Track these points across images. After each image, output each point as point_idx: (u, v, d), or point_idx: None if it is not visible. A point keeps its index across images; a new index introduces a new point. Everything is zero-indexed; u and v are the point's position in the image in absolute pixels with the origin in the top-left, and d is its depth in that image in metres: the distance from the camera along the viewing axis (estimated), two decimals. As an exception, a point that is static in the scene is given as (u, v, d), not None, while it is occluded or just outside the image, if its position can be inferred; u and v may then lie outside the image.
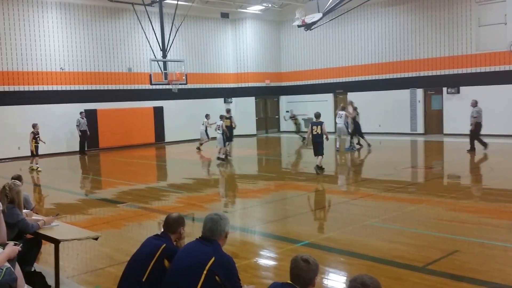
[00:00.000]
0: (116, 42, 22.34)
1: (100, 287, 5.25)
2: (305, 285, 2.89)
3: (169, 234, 3.84)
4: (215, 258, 3.25)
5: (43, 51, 20.24)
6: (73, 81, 21.12)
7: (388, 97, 23.30)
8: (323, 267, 5.74)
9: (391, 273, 5.33)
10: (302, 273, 2.87)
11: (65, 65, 20.85)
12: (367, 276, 2.51)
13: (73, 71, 21.10)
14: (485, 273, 5.33)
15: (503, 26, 20.08)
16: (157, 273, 3.57)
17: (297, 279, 2.89)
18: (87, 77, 21.46)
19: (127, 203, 9.93)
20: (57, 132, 20.23)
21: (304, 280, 2.88)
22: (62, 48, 20.78)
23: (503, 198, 9.48)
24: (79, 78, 21.26)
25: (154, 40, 21.50)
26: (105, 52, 22.00)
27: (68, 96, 20.86)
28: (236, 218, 8.53)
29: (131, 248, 4.67)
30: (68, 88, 20.99)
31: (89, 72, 21.54)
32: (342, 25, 24.92)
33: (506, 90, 19.82)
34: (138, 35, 22.61)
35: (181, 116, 23.85)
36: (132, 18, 22.37)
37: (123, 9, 22.31)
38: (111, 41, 22.19)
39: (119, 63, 22.44)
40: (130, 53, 22.81)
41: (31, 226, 4.88)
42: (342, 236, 7.01)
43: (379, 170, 13.21)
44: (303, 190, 11.00)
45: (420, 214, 8.35)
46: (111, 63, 22.19)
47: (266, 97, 27.98)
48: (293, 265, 2.92)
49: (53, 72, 20.57)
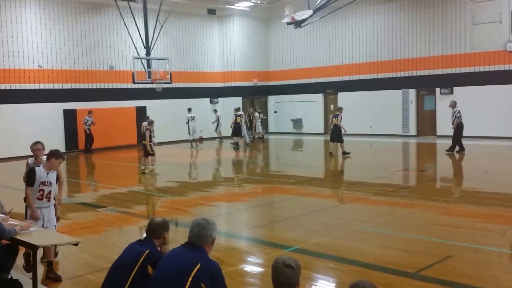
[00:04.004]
0: (98, 39, 21.66)
1: None
2: None
3: (152, 240, 3.76)
4: (201, 264, 3.17)
5: (20, 47, 19.50)
6: (52, 80, 20.44)
7: (379, 98, 22.80)
8: (313, 274, 5.72)
9: (383, 279, 5.22)
10: (287, 279, 2.77)
11: (43, 63, 20.17)
12: (368, 282, 2.52)
13: (52, 69, 20.44)
14: (478, 279, 5.27)
15: (498, 24, 19.72)
16: (140, 280, 3.48)
17: (282, 286, 2.79)
18: (66, 76, 20.79)
19: (108, 207, 9.73)
20: (36, 132, 19.32)
21: (289, 286, 2.78)
22: (41, 44, 20.08)
23: (497, 202, 9.35)
24: (58, 76, 20.59)
25: (137, 37, 20.90)
26: (86, 49, 21.33)
27: (46, 95, 20.20)
28: (222, 223, 8.26)
29: (112, 254, 4.57)
30: (46, 87, 20.30)
31: (69, 70, 20.87)
32: (333, 23, 24.42)
33: (501, 90, 19.45)
34: (121, 31, 21.96)
35: (165, 116, 23.15)
36: (114, 14, 21.75)
37: (105, 5, 21.63)
38: (92, 38, 21.52)
39: (100, 61, 21.75)
40: (112, 50, 22.12)
41: (7, 231, 4.66)
42: (332, 241, 6.91)
43: (370, 173, 13.14)
44: (292, 194, 10.72)
45: (412, 218, 8.28)
46: (92, 61, 21.51)
47: (254, 97, 27.34)
48: (276, 272, 2.80)
49: (31, 70, 19.87)
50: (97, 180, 14.12)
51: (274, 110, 27.14)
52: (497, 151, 16.62)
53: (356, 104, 23.10)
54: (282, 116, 26.74)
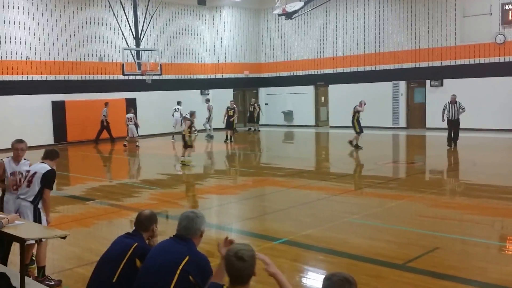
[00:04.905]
0: (87, 30, 21.34)
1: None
2: (247, 280, 2.70)
3: (141, 233, 3.74)
4: (190, 257, 3.17)
5: (7, 38, 19.14)
6: (40, 71, 20.12)
7: (370, 90, 22.78)
8: (302, 265, 5.75)
9: (371, 270, 5.27)
10: (238, 273, 2.69)
11: (31, 54, 19.81)
12: (344, 273, 2.53)
13: (40, 60, 20.11)
14: (465, 271, 5.33)
15: (488, 17, 19.76)
16: (129, 273, 3.46)
17: (236, 278, 2.69)
18: (55, 67, 20.47)
19: (96, 200, 9.64)
20: (24, 124, 19.10)
21: (242, 278, 2.69)
22: (29, 35, 19.73)
23: (485, 194, 9.37)
24: (46, 67, 20.26)
25: (126, 28, 20.63)
26: (75, 40, 20.99)
27: (35, 87, 19.86)
28: (213, 215, 8.25)
29: (101, 247, 4.56)
30: (34, 78, 19.98)
31: (58, 61, 20.55)
32: (324, 15, 24.35)
33: (491, 82, 19.52)
34: (110, 22, 21.65)
35: (155, 108, 23.00)
36: (103, 4, 21.44)
37: (94, -5, 21.28)
38: (81, 29, 21.19)
39: (89, 52, 21.45)
40: (101, 41, 21.81)
41: None
42: (322, 233, 6.90)
43: (360, 165, 13.19)
44: (282, 186, 10.70)
45: (401, 210, 8.33)
46: (81, 52, 21.19)
47: (245, 89, 27.20)
48: (228, 265, 2.70)
49: (19, 61, 19.54)
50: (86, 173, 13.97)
51: (265, 102, 27.05)
52: (486, 143, 16.71)
53: (346, 96, 23.05)
54: (273, 108, 26.68)
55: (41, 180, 5.19)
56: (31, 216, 5.19)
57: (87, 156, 17.67)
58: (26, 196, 5.20)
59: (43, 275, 5.13)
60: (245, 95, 27.11)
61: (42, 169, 5.24)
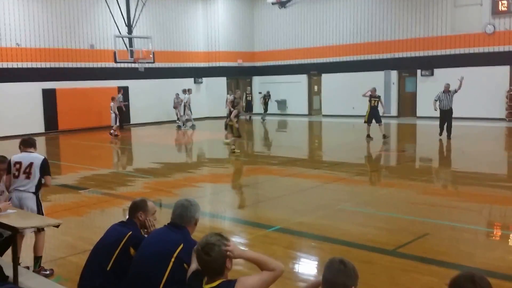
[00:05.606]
0: (78, 16, 21.11)
1: (61, 277, 5.02)
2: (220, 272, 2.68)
3: (134, 221, 3.74)
4: (184, 245, 3.16)
5: (-4, 25, 18.86)
6: (30, 58, 19.91)
7: (362, 79, 22.79)
8: (295, 252, 5.82)
9: (363, 256, 5.37)
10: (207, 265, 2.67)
11: (21, 41, 19.58)
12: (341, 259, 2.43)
13: (30, 48, 19.88)
14: (454, 256, 5.45)
15: (478, 7, 19.87)
16: (123, 261, 3.46)
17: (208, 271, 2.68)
18: (45, 54, 20.26)
19: (89, 189, 9.59)
20: (15, 112, 18.96)
21: (216, 270, 2.67)
22: (18, 21, 19.47)
23: (474, 182, 9.50)
24: (37, 54, 20.06)
25: (118, 15, 20.43)
26: (66, 27, 20.76)
27: (25, 74, 19.66)
28: (206, 204, 8.25)
29: (94, 236, 4.51)
30: (25, 66, 19.76)
31: (48, 48, 20.33)
32: (317, 4, 24.30)
33: (481, 72, 19.66)
34: (102, 9, 21.39)
35: (148, 96, 22.88)
36: (94, -9, 21.13)
37: (85, -19, 21.00)
38: (72, 15, 20.94)
39: (80, 39, 21.24)
40: (93, 28, 21.60)
41: None
42: (314, 220, 6.95)
43: (351, 153, 13.27)
44: (275, 174, 10.78)
45: (392, 197, 8.45)
46: (72, 39, 20.98)
47: (238, 78, 27.14)
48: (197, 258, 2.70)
49: (8, 48, 19.30)
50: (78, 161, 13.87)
51: (258, 91, 27.03)
52: (475, 132, 16.87)
53: (339, 85, 23.18)
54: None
55: (40, 168, 5.21)
56: (34, 207, 5.16)
57: (79, 145, 17.48)
58: (27, 188, 5.15)
59: (39, 265, 5.10)
60: (238, 84, 27.06)
61: (37, 159, 5.25)
